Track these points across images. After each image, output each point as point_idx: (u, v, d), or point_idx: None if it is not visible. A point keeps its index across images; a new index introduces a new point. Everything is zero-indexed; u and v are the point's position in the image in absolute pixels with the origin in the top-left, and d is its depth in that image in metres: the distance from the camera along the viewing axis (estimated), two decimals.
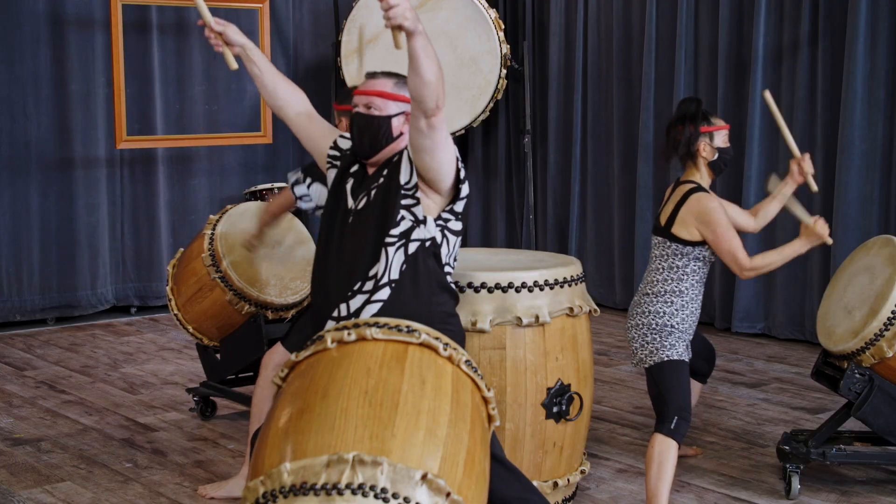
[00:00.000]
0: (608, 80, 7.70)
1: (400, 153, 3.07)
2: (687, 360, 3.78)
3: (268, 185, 7.67)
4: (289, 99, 3.28)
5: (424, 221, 2.99)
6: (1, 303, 7.10)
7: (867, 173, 6.12)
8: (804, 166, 4.18)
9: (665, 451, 3.61)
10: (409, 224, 2.97)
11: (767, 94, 4.32)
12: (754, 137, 6.60)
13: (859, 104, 6.07)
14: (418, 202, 2.98)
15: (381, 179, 3.05)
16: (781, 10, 6.55)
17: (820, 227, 3.92)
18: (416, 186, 2.98)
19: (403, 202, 2.97)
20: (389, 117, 3.08)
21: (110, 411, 5.17)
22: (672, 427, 3.62)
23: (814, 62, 6.40)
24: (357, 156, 3.14)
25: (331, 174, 3.22)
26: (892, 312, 3.81)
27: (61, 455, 4.50)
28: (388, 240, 2.96)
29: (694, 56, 7.08)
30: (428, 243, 2.99)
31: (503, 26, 7.57)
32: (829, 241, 3.97)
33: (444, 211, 3.02)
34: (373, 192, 3.04)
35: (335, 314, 2.97)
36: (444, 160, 2.94)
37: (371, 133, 3.07)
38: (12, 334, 6.98)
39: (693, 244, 3.77)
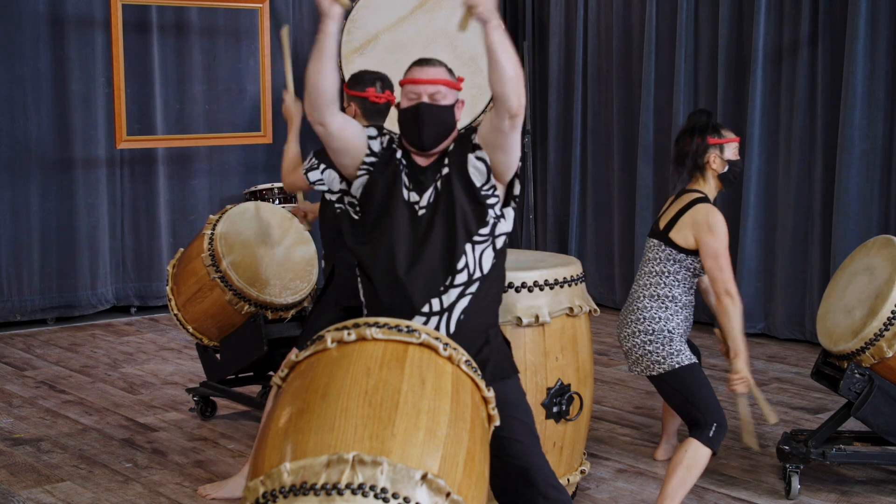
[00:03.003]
0: (608, 80, 7.70)
1: (453, 142, 2.99)
2: (698, 362, 3.78)
3: (268, 185, 7.67)
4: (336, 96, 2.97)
5: (504, 215, 2.97)
6: (1, 303, 7.10)
7: (867, 173, 6.12)
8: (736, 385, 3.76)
9: (699, 457, 3.58)
10: (493, 221, 2.95)
11: None
12: (754, 137, 6.60)
13: (859, 104, 6.07)
14: (498, 199, 2.96)
15: (445, 170, 2.96)
16: (781, 10, 6.55)
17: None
18: (493, 186, 2.95)
19: (489, 201, 2.93)
20: (453, 106, 3.00)
21: (110, 411, 5.17)
22: (711, 435, 3.60)
23: (814, 62, 6.40)
24: (414, 147, 2.99)
25: (363, 178, 3.03)
26: (892, 312, 3.81)
27: (61, 455, 4.50)
28: (477, 238, 2.92)
29: (694, 56, 7.08)
30: (507, 237, 3.00)
31: (503, 26, 7.57)
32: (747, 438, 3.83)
33: (509, 200, 3.00)
34: (439, 185, 2.94)
35: (426, 310, 2.86)
36: (517, 155, 2.93)
37: (439, 124, 2.96)
38: (12, 334, 6.98)
39: (686, 252, 3.77)
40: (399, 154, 3.01)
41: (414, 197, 2.96)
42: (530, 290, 3.70)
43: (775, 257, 6.64)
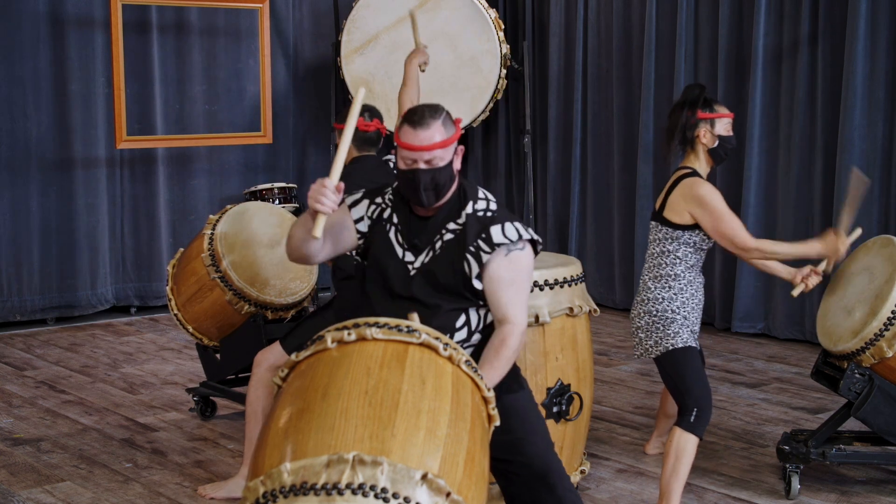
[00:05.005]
0: (608, 80, 7.70)
1: (457, 202, 2.93)
2: (694, 346, 3.76)
3: (268, 185, 7.67)
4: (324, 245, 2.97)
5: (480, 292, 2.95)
6: (1, 303, 7.10)
7: (867, 173, 6.10)
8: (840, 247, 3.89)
9: (683, 445, 3.58)
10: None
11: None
12: (754, 137, 6.60)
13: (859, 104, 6.07)
14: None
15: (447, 235, 2.91)
16: (781, 10, 6.55)
17: (842, 244, 3.84)
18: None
19: (477, 286, 2.89)
20: (451, 163, 2.90)
21: (110, 411, 5.17)
22: (692, 420, 3.59)
23: (814, 62, 6.40)
24: (416, 205, 2.94)
25: (360, 244, 3.02)
26: (892, 312, 3.81)
27: (61, 455, 4.50)
28: (482, 303, 2.91)
29: (694, 56, 7.08)
30: None
31: (503, 26, 7.57)
32: (830, 268, 3.93)
33: None
34: (438, 247, 2.91)
35: None
36: None
37: (438, 185, 2.87)
38: (12, 334, 6.98)
39: (683, 228, 3.74)
40: (387, 213, 2.97)
41: (409, 257, 2.93)
42: (530, 291, 3.70)
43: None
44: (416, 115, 2.88)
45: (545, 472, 2.84)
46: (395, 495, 2.02)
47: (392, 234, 2.95)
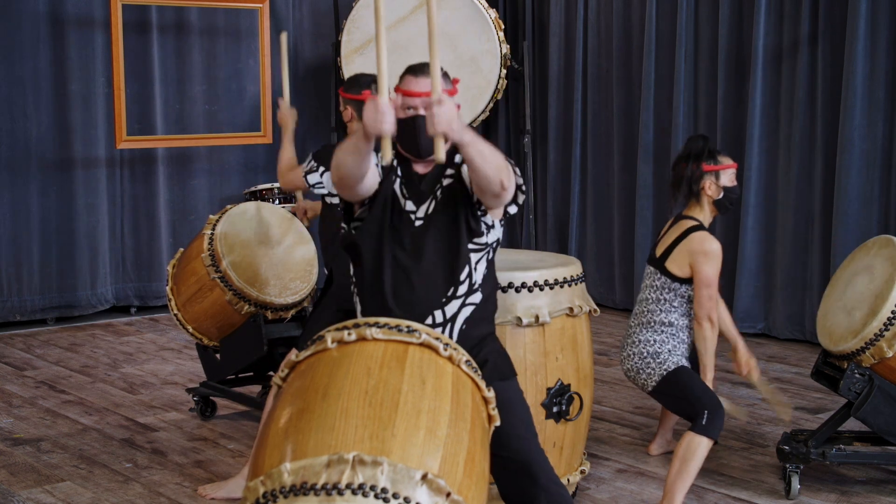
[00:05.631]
0: (608, 80, 7.70)
1: (451, 153, 2.95)
2: (686, 365, 3.88)
3: (268, 185, 7.67)
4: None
5: (493, 226, 2.98)
6: (1, 303, 7.10)
7: (867, 173, 6.12)
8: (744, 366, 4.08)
9: (694, 447, 3.62)
10: (485, 230, 2.96)
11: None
12: (754, 137, 6.60)
13: (859, 104, 6.07)
14: (486, 212, 2.97)
15: (446, 180, 2.96)
16: (781, 10, 6.55)
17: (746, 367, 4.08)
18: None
19: (480, 212, 2.94)
20: None
21: (110, 411, 5.17)
22: (704, 423, 3.63)
23: (814, 62, 6.40)
24: (412, 156, 2.98)
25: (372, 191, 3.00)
26: (892, 312, 3.81)
27: (61, 455, 4.50)
28: (472, 247, 2.93)
29: (694, 56, 7.08)
30: (496, 245, 3.02)
31: (503, 26, 7.57)
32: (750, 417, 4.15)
33: (504, 214, 3.01)
34: (439, 194, 2.95)
35: (429, 321, 2.88)
36: (504, 203, 2.93)
37: None
38: (12, 334, 6.98)
39: (682, 281, 3.86)
40: (395, 163, 3.01)
41: (410, 206, 2.96)
42: (530, 290, 3.70)
43: (775, 257, 6.64)
44: (417, 66, 2.92)
45: (527, 464, 2.86)
46: (395, 495, 2.02)
47: (397, 185, 2.98)
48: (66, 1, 7.19)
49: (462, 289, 2.91)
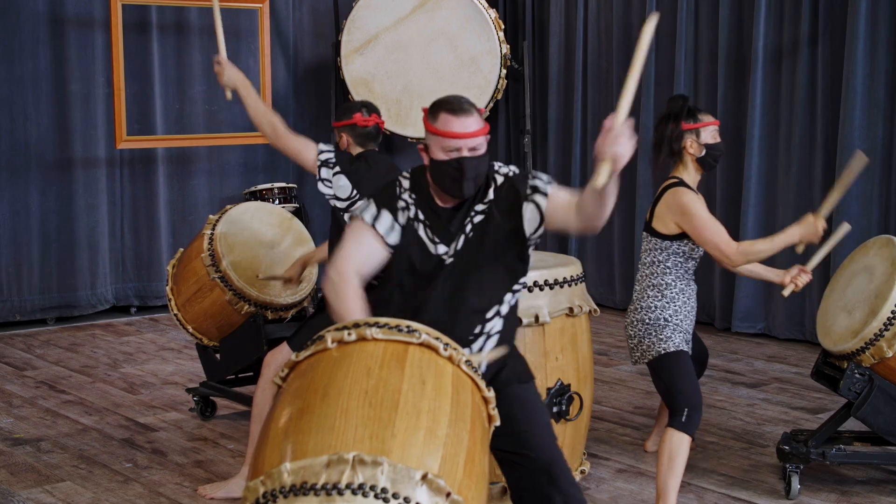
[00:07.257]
0: (608, 80, 7.70)
1: (496, 189, 2.91)
2: (686, 350, 3.79)
3: (267, 185, 7.67)
4: None
5: (530, 256, 2.97)
6: (1, 303, 7.10)
7: (867, 173, 6.11)
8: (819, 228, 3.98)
9: (676, 445, 3.60)
10: (526, 265, 2.94)
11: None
12: (754, 137, 6.60)
13: (859, 104, 6.07)
14: (536, 244, 2.95)
15: (477, 217, 2.89)
16: (781, 10, 6.55)
17: (820, 225, 3.89)
18: (541, 235, 2.91)
19: (531, 244, 2.91)
20: (487, 152, 2.91)
21: (110, 411, 5.17)
22: (683, 420, 3.62)
23: (814, 62, 6.40)
24: (452, 197, 2.88)
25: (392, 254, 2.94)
26: (892, 312, 3.81)
27: (61, 455, 4.50)
28: (516, 287, 2.92)
29: (694, 56, 7.08)
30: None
31: (503, 26, 7.57)
32: (801, 249, 3.98)
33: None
34: (469, 230, 2.87)
35: None
36: None
37: (479, 174, 2.86)
38: (12, 334, 6.98)
39: (670, 238, 3.80)
40: (413, 212, 2.90)
41: (441, 249, 2.88)
42: (530, 290, 3.70)
43: (775, 257, 6.61)
44: (455, 104, 2.83)
45: (549, 464, 2.85)
46: (395, 495, 2.02)
47: (422, 232, 2.90)
48: (66, 1, 7.19)
49: (488, 325, 2.90)
